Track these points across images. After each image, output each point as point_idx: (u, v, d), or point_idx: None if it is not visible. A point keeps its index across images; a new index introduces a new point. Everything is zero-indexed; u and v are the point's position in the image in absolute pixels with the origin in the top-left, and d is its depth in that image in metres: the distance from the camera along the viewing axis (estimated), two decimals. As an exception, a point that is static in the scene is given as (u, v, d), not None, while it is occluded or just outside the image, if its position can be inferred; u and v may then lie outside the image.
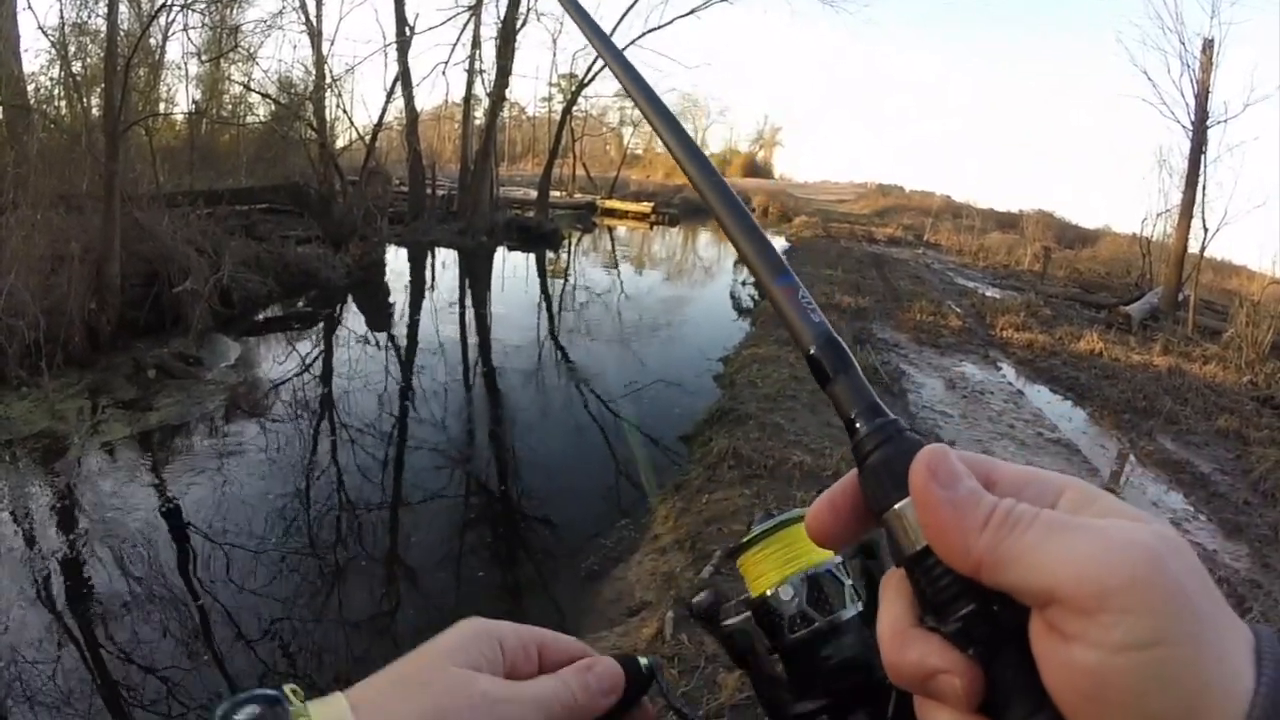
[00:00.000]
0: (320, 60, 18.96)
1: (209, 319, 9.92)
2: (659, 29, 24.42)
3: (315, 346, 10.80)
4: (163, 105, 17.51)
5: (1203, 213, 16.46)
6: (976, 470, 0.38)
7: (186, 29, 16.99)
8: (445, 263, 18.91)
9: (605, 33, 0.67)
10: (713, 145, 69.05)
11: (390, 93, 20.33)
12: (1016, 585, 0.34)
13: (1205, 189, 16.48)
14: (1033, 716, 0.34)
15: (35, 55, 16.95)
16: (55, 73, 14.06)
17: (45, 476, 6.05)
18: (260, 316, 11.71)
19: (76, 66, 13.63)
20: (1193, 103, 16.51)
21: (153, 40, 14.50)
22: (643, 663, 0.56)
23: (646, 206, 31.38)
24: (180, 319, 9.63)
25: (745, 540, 0.56)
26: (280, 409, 7.95)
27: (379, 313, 13.32)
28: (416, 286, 16.61)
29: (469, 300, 15.31)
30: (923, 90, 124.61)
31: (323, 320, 12.29)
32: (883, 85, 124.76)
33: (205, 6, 16.57)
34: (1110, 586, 0.31)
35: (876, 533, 0.41)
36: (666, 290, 17.49)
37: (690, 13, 24.23)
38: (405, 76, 20.60)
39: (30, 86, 13.49)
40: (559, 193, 30.73)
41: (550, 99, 39.51)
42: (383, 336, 11.68)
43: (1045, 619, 0.33)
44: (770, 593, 0.54)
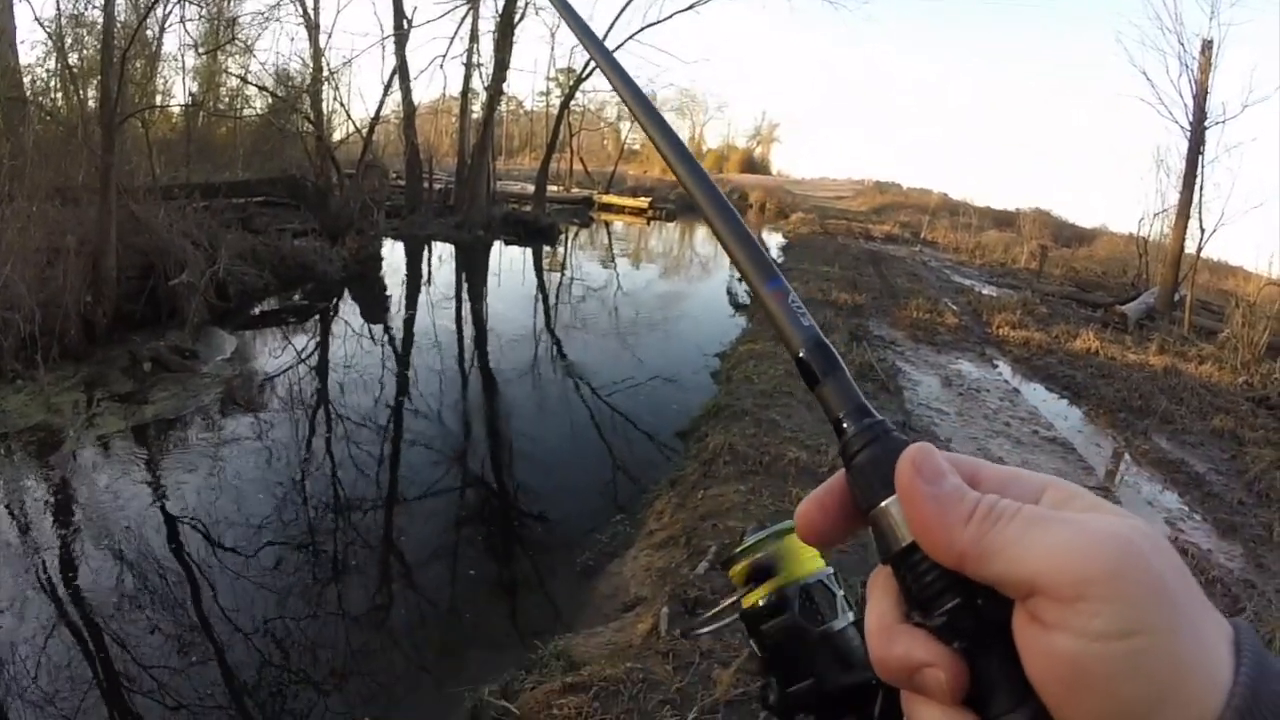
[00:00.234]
0: (317, 53, 18.89)
1: (205, 312, 9.90)
2: (658, 24, 24.41)
3: (311, 340, 10.78)
4: (159, 97, 17.48)
5: (1200, 213, 16.50)
6: (961, 469, 0.40)
7: (183, 21, 16.89)
8: (442, 257, 18.88)
9: (596, 35, 0.68)
10: (710, 141, 69.03)
11: (388, 86, 20.27)
12: (999, 577, 0.35)
13: (1203, 189, 16.53)
14: (1016, 709, 0.35)
15: (31, 47, 17.03)
16: (51, 64, 14.04)
17: (40, 470, 6.04)
18: (256, 310, 11.68)
19: (73, 58, 13.60)
20: (1191, 103, 16.54)
21: (149, 32, 14.48)
22: None
23: (644, 202, 31.34)
24: (176, 312, 9.61)
25: (738, 551, 0.56)
26: (276, 403, 7.95)
27: (375, 307, 13.30)
28: (413, 280, 16.59)
29: (465, 294, 15.30)
30: (922, 89, 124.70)
31: (319, 314, 12.26)
32: (882, 84, 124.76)
33: (202, -2, 16.53)
34: (1089, 577, 0.32)
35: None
36: (663, 285, 17.49)
37: (689, 8, 24.17)
38: (403, 70, 20.55)
39: (26, 78, 13.44)
40: (556, 187, 30.67)
41: (548, 93, 39.50)
42: (379, 330, 11.67)
43: (1027, 610, 0.34)
44: (760, 604, 0.54)
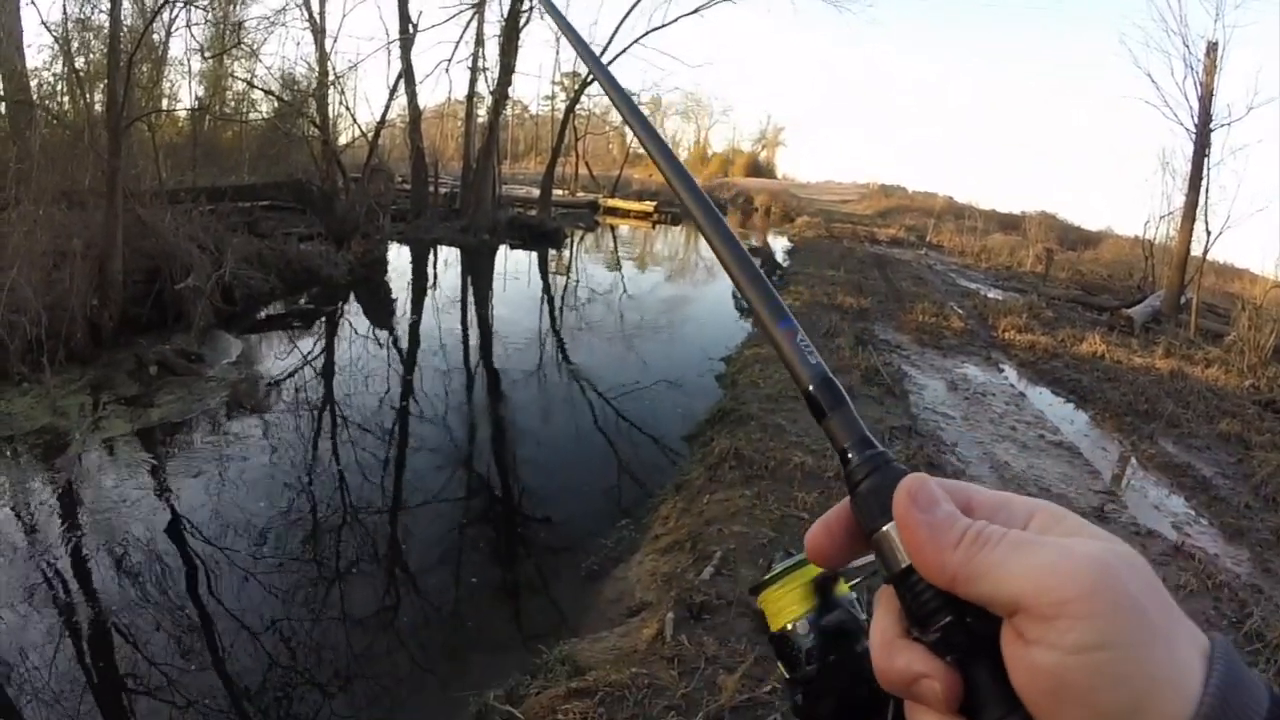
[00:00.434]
0: (323, 57, 18.99)
1: (211, 316, 9.93)
2: (662, 28, 24.39)
3: (317, 344, 10.80)
4: (166, 101, 17.52)
5: (1205, 216, 16.44)
6: (955, 496, 0.43)
7: (190, 25, 17.00)
8: (447, 261, 18.91)
9: (605, 65, 0.71)
10: (715, 145, 69.05)
11: (393, 90, 20.34)
12: (986, 596, 0.38)
13: (1208, 192, 16.48)
14: (1006, 717, 0.38)
15: (38, 50, 17.07)
16: (58, 68, 14.09)
17: (46, 473, 6.05)
18: (262, 314, 11.71)
19: (79, 62, 13.62)
20: (1196, 105, 16.48)
21: (156, 36, 14.50)
22: None
23: (649, 205, 31.35)
24: (182, 316, 9.64)
25: (766, 578, 0.60)
26: (281, 407, 7.96)
27: (381, 311, 13.32)
28: (418, 284, 16.62)
29: (471, 299, 15.32)
30: (923, 90, 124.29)
31: (324, 318, 12.28)
32: (882, 84, 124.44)
33: (208, 3, 16.57)
34: (1067, 596, 0.35)
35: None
36: (668, 289, 17.50)
37: (694, 11, 24.24)
38: (408, 74, 20.60)
39: (33, 82, 13.53)
40: (561, 191, 30.71)
41: (553, 97, 39.54)
42: (384, 334, 11.68)
43: (1013, 626, 0.37)
44: (789, 627, 0.58)
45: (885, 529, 0.42)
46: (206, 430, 7.12)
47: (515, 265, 19.64)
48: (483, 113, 23.78)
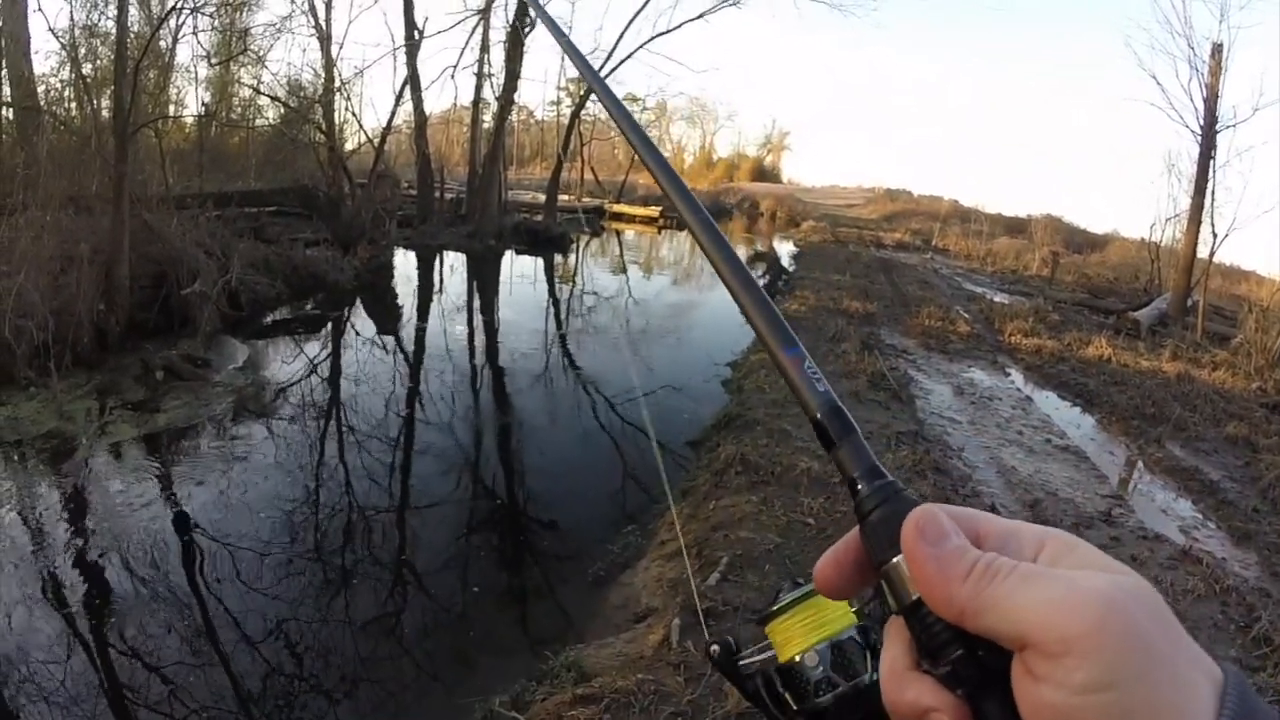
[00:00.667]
0: (329, 63, 19.00)
1: (217, 321, 9.95)
2: (667, 33, 24.36)
3: (323, 349, 10.82)
4: (172, 107, 17.59)
5: (1212, 218, 16.40)
6: (965, 526, 0.43)
7: (196, 32, 17.01)
8: (453, 266, 18.92)
9: (606, 84, 0.72)
10: (721, 150, 69.00)
11: (399, 96, 20.37)
12: (994, 631, 0.38)
13: (1214, 194, 16.42)
14: None
15: (46, 57, 17.14)
16: (65, 74, 14.12)
17: (53, 477, 6.07)
18: (268, 319, 11.73)
19: (87, 68, 13.69)
20: (1201, 107, 16.43)
21: (162, 43, 14.54)
22: None
23: (654, 211, 31.31)
24: (188, 321, 9.66)
25: (774, 609, 0.60)
26: (288, 411, 7.97)
27: (387, 316, 13.34)
28: (424, 290, 16.65)
29: (477, 304, 15.34)
30: (924, 90, 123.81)
31: (331, 323, 12.30)
32: (883, 86, 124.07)
33: (215, 10, 16.62)
34: (1073, 633, 0.35)
35: None
36: (674, 295, 17.50)
37: (698, 17, 24.23)
38: (414, 80, 20.62)
39: (40, 88, 13.58)
40: (567, 196, 30.72)
41: (559, 103, 39.65)
42: (390, 340, 11.70)
43: (1022, 661, 0.37)
44: (797, 658, 0.58)
45: (895, 561, 0.42)
46: (213, 435, 7.14)
47: (521, 270, 19.65)
48: (488, 118, 23.79)
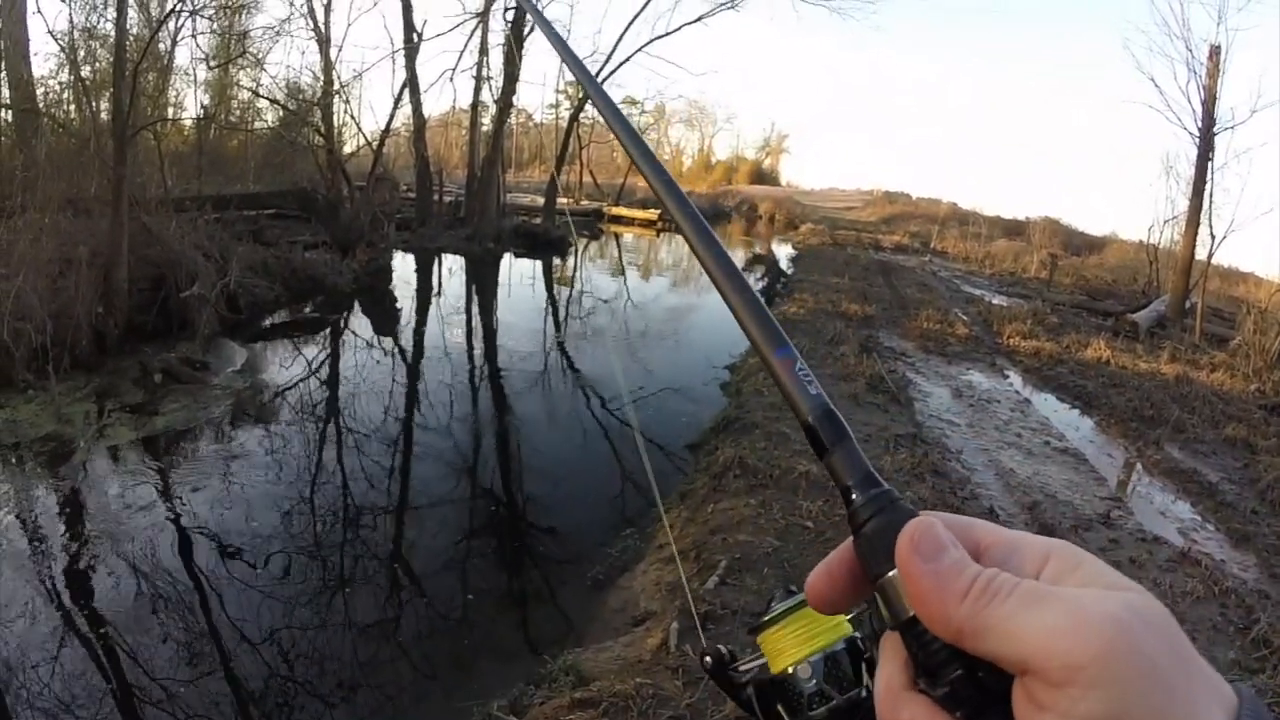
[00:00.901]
0: (328, 66, 18.98)
1: (216, 324, 9.95)
2: (666, 36, 24.39)
3: (321, 352, 10.81)
4: (171, 110, 17.58)
5: (1210, 219, 16.43)
6: (964, 536, 0.41)
7: (195, 34, 17.03)
8: (452, 269, 18.93)
9: (601, 87, 0.71)
10: (719, 152, 68.99)
11: (398, 99, 20.40)
12: (994, 654, 0.36)
13: (1212, 196, 16.46)
14: None
15: (45, 59, 17.09)
16: (64, 77, 14.12)
17: (51, 480, 6.06)
18: (267, 322, 11.73)
19: (85, 71, 13.68)
20: (1199, 109, 16.48)
21: (161, 45, 14.55)
22: None
23: (653, 213, 31.30)
24: (187, 324, 9.65)
25: (766, 619, 0.58)
26: (286, 415, 7.97)
27: (385, 319, 13.34)
28: (423, 293, 16.66)
29: (475, 307, 15.34)
30: (924, 90, 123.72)
31: (329, 326, 12.29)
32: (884, 87, 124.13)
33: (214, 12, 16.62)
34: (1077, 661, 0.33)
35: None
36: (673, 297, 17.49)
37: (697, 20, 24.26)
38: (413, 83, 20.63)
39: (39, 90, 13.58)
40: (566, 199, 30.73)
41: (557, 106, 39.59)
42: (389, 343, 11.70)
43: (1024, 686, 0.35)
44: (790, 670, 0.56)
45: (890, 575, 0.40)
46: (211, 438, 7.13)
47: (520, 273, 19.67)
48: (487, 121, 23.80)
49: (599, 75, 24.15)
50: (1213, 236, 16.35)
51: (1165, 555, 5.42)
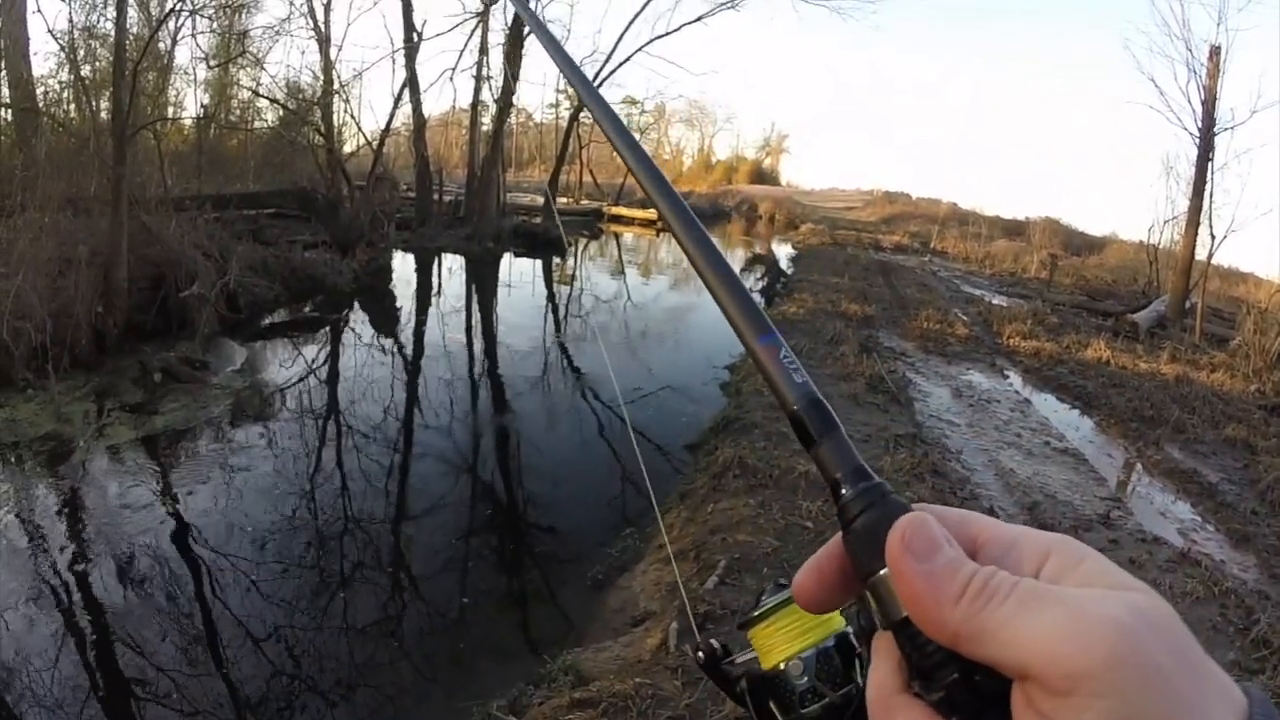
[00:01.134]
0: (328, 66, 18.97)
1: (215, 323, 9.95)
2: (666, 36, 24.41)
3: (321, 352, 10.81)
4: (171, 109, 17.58)
5: (1210, 220, 16.43)
6: (959, 532, 0.39)
7: (195, 34, 17.04)
8: (452, 269, 18.92)
9: (589, 79, 0.70)
10: (720, 152, 68.96)
11: (398, 99, 20.42)
12: (992, 659, 0.34)
13: (1212, 196, 16.46)
14: None
15: (45, 58, 17.05)
16: (64, 76, 14.12)
17: (50, 479, 6.06)
18: (266, 321, 11.73)
19: (85, 70, 13.67)
20: (1199, 110, 16.48)
21: (161, 45, 14.55)
22: None
23: (653, 213, 31.16)
24: (187, 323, 9.65)
25: (756, 614, 0.56)
26: (286, 414, 7.96)
27: (385, 318, 13.34)
28: (423, 292, 16.66)
29: (475, 306, 15.34)
30: (924, 89, 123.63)
31: (329, 325, 12.28)
32: (884, 87, 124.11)
33: (213, 11, 16.62)
34: (1081, 669, 0.31)
35: None
36: (673, 297, 17.47)
37: (697, 19, 24.30)
38: (413, 83, 20.64)
39: (39, 90, 13.58)
40: (566, 199, 30.72)
41: (557, 105, 39.56)
42: (389, 342, 11.69)
43: (1024, 692, 0.33)
44: (782, 667, 0.54)
45: (882, 573, 0.38)
46: (211, 438, 7.13)
47: (519, 273, 19.67)
48: (487, 121, 23.80)
49: (599, 75, 24.19)
50: (1213, 237, 16.38)
51: (1165, 556, 5.42)
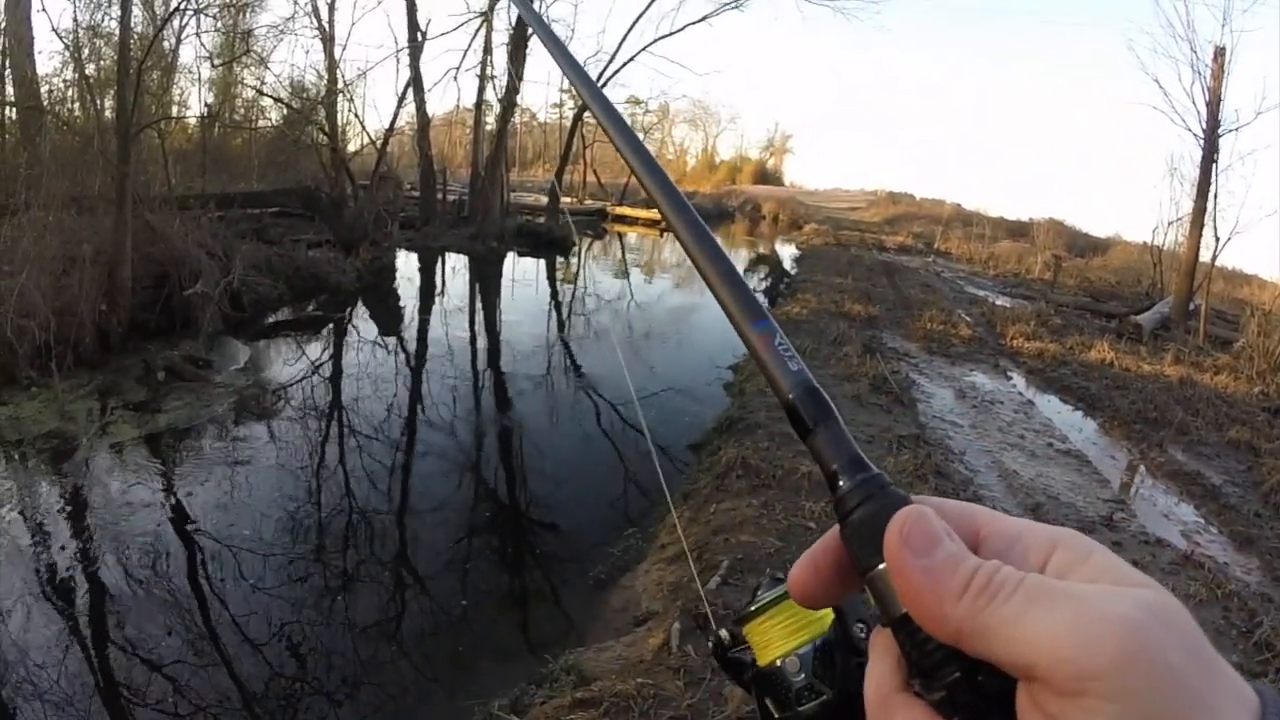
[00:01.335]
0: (332, 65, 19.00)
1: (219, 322, 9.96)
2: (670, 36, 24.37)
3: (324, 351, 10.82)
4: (175, 108, 17.68)
5: (1214, 221, 16.37)
6: (961, 525, 0.37)
7: (199, 33, 17.10)
8: (455, 268, 18.93)
9: (588, 73, 0.68)
10: (723, 152, 68.97)
11: (402, 98, 20.43)
12: (997, 658, 0.33)
13: (1216, 197, 16.40)
14: None
15: (49, 57, 17.21)
16: (69, 75, 14.19)
17: (54, 477, 6.07)
18: (270, 320, 11.74)
19: (90, 69, 13.75)
20: (1204, 111, 16.42)
21: (166, 43, 14.62)
22: None
23: (657, 213, 31.19)
24: (190, 321, 9.66)
25: (752, 609, 0.55)
26: (289, 413, 7.97)
27: (389, 317, 13.35)
28: (427, 291, 16.66)
29: (479, 306, 15.35)
30: (927, 89, 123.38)
31: (332, 324, 12.30)
32: (888, 87, 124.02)
33: (218, 11, 16.66)
34: (1090, 670, 0.30)
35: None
36: (676, 297, 17.46)
37: (701, 19, 24.26)
38: (417, 82, 20.65)
39: (44, 88, 13.63)
40: (570, 199, 30.72)
41: (561, 105, 39.64)
42: (392, 341, 11.70)
43: (1029, 692, 0.32)
44: (779, 664, 0.53)
45: (880, 568, 0.37)
46: (214, 436, 7.13)
47: (523, 272, 19.68)
48: (491, 120, 23.80)
49: (602, 75, 24.17)
50: (1217, 238, 16.33)
51: (1168, 558, 5.41)
